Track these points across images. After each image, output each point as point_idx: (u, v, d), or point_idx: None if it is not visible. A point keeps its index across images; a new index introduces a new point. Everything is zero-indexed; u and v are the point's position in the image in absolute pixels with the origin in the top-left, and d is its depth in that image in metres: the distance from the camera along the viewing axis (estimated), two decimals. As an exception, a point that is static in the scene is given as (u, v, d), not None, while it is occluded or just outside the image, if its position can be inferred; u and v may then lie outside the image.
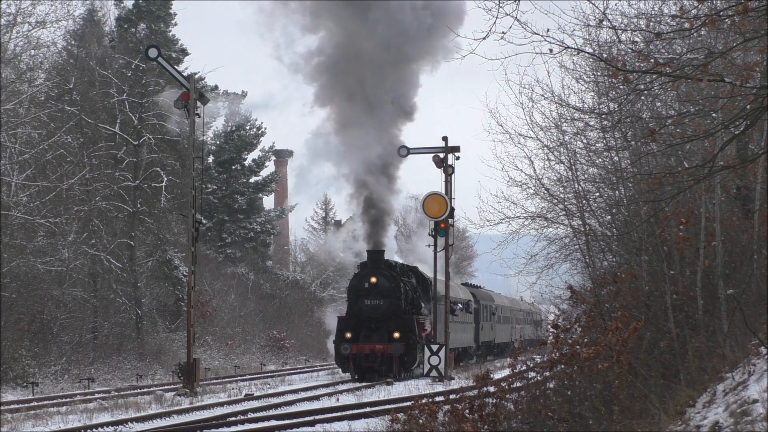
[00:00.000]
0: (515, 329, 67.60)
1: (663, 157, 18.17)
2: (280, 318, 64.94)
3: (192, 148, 33.26)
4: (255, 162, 70.48)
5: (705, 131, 13.39)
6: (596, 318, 18.80)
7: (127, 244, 45.74)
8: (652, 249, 18.40)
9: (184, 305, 45.19)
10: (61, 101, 43.61)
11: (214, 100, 64.37)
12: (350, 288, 39.99)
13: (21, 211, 37.53)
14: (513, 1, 12.34)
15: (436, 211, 40.06)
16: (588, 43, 20.14)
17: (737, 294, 15.36)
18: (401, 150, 40.41)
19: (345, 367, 38.93)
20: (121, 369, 41.22)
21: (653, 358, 16.05)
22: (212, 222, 65.84)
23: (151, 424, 22.69)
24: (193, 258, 33.24)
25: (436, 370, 38.29)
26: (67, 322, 40.51)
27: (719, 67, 12.93)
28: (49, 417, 24.66)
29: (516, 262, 27.65)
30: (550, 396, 16.76)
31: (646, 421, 13.64)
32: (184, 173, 45.12)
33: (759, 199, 15.86)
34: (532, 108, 25.67)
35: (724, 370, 13.17)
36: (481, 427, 15.91)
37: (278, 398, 29.24)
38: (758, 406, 10.66)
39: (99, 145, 45.25)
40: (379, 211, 40.38)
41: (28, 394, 33.43)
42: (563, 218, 25.77)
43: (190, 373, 32.19)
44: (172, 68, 33.98)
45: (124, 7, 57.30)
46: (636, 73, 12.61)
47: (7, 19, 37.67)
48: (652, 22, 17.96)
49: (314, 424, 21.82)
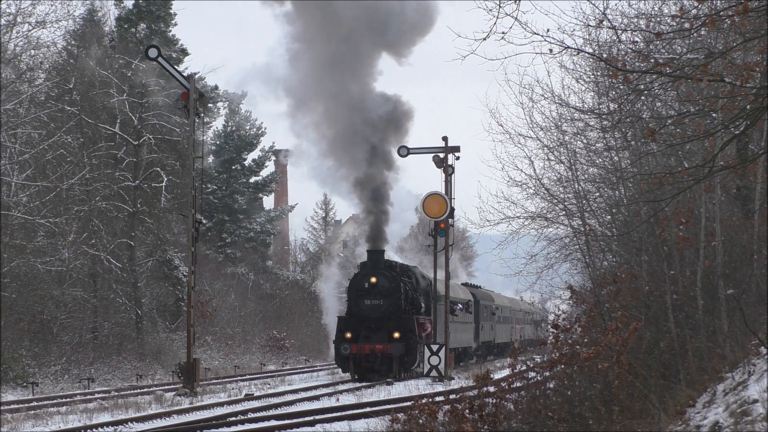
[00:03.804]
0: (515, 329, 67.60)
1: (663, 157, 18.17)
2: (280, 318, 64.92)
3: (192, 148, 33.27)
4: (255, 162, 70.50)
5: (705, 131, 13.39)
6: (596, 318, 18.80)
7: (127, 244, 45.74)
8: (652, 249, 18.41)
9: (184, 305, 45.18)
10: (61, 101, 43.60)
11: (213, 101, 64.42)
12: (350, 288, 39.98)
13: (21, 211, 37.53)
14: (513, 2, 12.35)
15: (436, 211, 40.06)
16: (588, 43, 20.17)
17: (737, 294, 15.37)
18: (401, 150, 40.41)
19: (345, 367, 38.92)
20: (121, 369, 41.21)
21: (653, 358, 16.06)
22: (212, 222, 65.82)
23: (151, 424, 22.69)
24: (193, 258, 33.25)
25: (436, 370, 38.29)
26: (67, 322, 40.51)
27: (719, 67, 12.92)
28: (49, 417, 24.66)
29: (516, 262, 27.66)
30: (550, 396, 16.76)
31: (646, 421, 13.65)
32: (184, 173, 45.11)
33: (759, 199, 15.86)
34: (532, 108, 25.70)
35: (724, 370, 13.18)
36: (481, 427, 15.91)
37: (278, 398, 29.24)
38: (758, 406, 10.66)
39: (99, 145, 45.25)
40: (379, 212, 40.37)
41: (28, 394, 33.42)
42: (563, 218, 25.79)
43: (190, 373, 32.19)
44: (172, 68, 33.98)
45: (124, 7, 57.26)
46: (636, 73, 12.61)
47: (7, 19, 37.70)
48: (652, 22, 17.96)
49: (314, 424, 21.81)
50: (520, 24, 12.41)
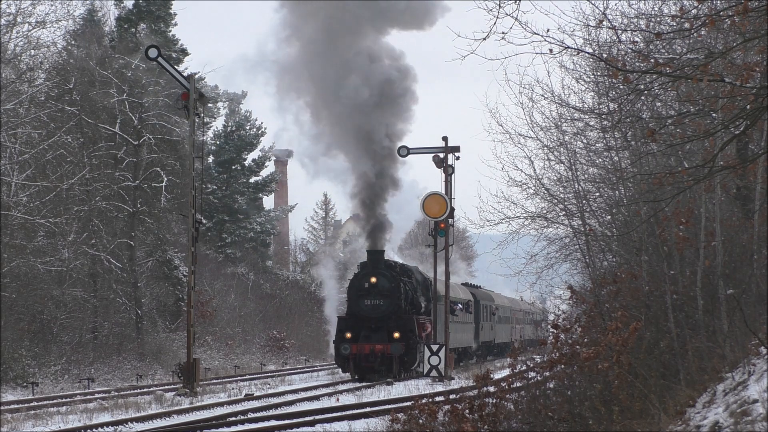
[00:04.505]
0: (515, 329, 67.59)
1: (663, 157, 18.17)
2: (280, 318, 64.92)
3: (192, 148, 33.26)
4: (255, 162, 70.50)
5: (705, 131, 13.39)
6: (596, 318, 18.81)
7: (127, 244, 45.74)
8: (652, 249, 18.41)
9: (184, 305, 45.17)
10: (61, 101, 43.59)
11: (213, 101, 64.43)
12: (350, 288, 39.97)
13: (21, 211, 37.53)
14: (513, 2, 12.35)
15: (436, 211, 40.05)
16: (588, 43, 20.17)
17: (737, 294, 15.37)
18: (401, 150, 40.35)
19: (345, 367, 38.92)
20: (121, 369, 41.21)
21: (653, 358, 16.06)
22: (212, 222, 65.82)
23: (151, 424, 22.69)
24: (193, 258, 33.25)
25: (436, 370, 38.29)
26: (67, 322, 40.50)
27: (719, 67, 12.92)
28: (49, 417, 24.66)
29: (516, 262, 27.66)
30: (550, 396, 16.76)
31: (646, 421, 13.65)
32: (184, 173, 45.11)
33: (759, 199, 15.86)
34: (532, 108, 25.71)
35: (724, 370, 13.18)
36: (481, 427, 15.91)
37: (278, 398, 29.24)
38: (758, 406, 10.66)
39: (99, 145, 45.24)
40: (378, 214, 40.33)
41: (28, 394, 33.42)
42: (563, 218, 25.80)
43: (190, 373, 32.19)
44: (172, 68, 33.98)
45: (124, 7, 57.27)
46: (636, 73, 12.61)
47: (7, 19, 37.70)
48: (652, 22, 17.96)
49: (314, 424, 21.81)
50: (520, 24, 12.42)
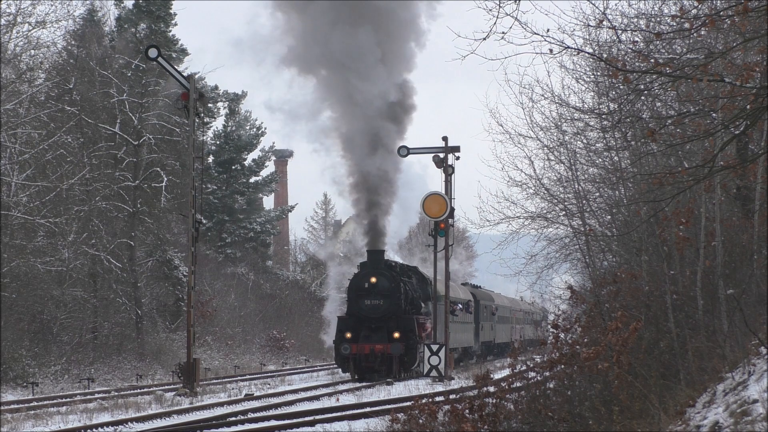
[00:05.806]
0: (515, 329, 67.58)
1: (663, 157, 18.17)
2: (280, 318, 64.92)
3: (192, 148, 33.26)
4: (255, 162, 70.50)
5: (705, 131, 13.39)
6: (596, 318, 18.80)
7: (127, 244, 45.74)
8: (652, 249, 18.42)
9: (184, 305, 45.18)
10: (61, 101, 43.58)
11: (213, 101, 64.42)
12: (350, 288, 39.96)
13: (21, 211, 37.53)
14: (513, 1, 12.35)
15: (436, 211, 40.05)
16: (588, 43, 20.18)
17: (737, 294, 15.36)
18: (401, 150, 40.34)
19: (345, 367, 38.91)
20: (121, 369, 41.21)
21: (653, 358, 16.06)
22: (212, 222, 65.84)
23: (151, 424, 22.69)
24: (193, 258, 33.25)
25: (436, 370, 38.28)
26: (67, 322, 40.50)
27: (719, 67, 12.93)
28: (49, 417, 24.66)
29: (516, 262, 27.69)
30: (550, 396, 16.75)
31: (646, 421, 13.65)
32: (184, 173, 45.11)
33: (759, 199, 15.85)
34: (532, 108, 25.74)
35: (724, 370, 13.17)
36: (481, 427, 15.91)
37: (278, 398, 29.24)
38: (758, 406, 10.66)
39: (99, 145, 45.24)
40: (378, 212, 40.30)
41: (28, 394, 33.41)
42: (563, 218, 25.81)
43: (190, 373, 32.19)
44: (172, 68, 33.98)
45: (124, 7, 57.28)
46: (636, 73, 12.61)
47: (7, 19, 37.68)
48: (652, 22, 17.97)
49: (314, 424, 21.81)
50: (520, 24, 12.42)
